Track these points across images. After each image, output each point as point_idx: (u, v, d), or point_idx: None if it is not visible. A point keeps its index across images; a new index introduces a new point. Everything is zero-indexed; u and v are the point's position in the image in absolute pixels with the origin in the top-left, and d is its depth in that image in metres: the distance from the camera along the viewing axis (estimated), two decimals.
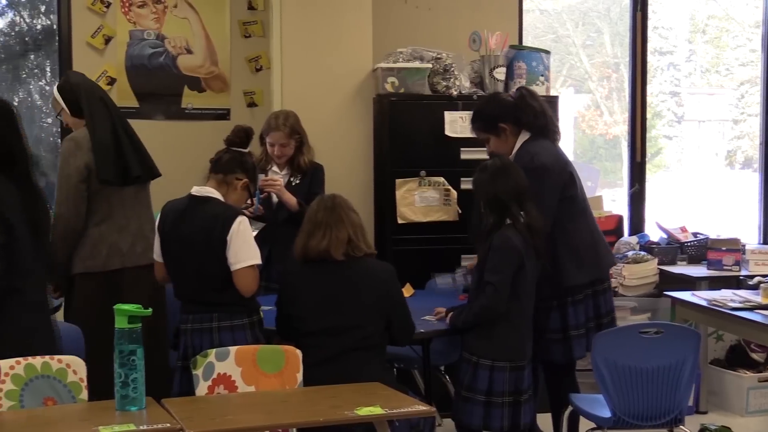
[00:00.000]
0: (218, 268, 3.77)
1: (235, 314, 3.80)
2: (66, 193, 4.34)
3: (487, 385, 3.99)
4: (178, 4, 6.00)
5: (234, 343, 3.73)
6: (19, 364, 3.28)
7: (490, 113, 4.48)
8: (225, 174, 3.90)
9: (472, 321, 4.05)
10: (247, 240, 3.80)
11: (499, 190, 4.06)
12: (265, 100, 6.00)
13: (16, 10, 6.23)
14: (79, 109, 4.49)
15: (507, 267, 3.98)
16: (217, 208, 3.82)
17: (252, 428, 3.04)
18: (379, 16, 5.65)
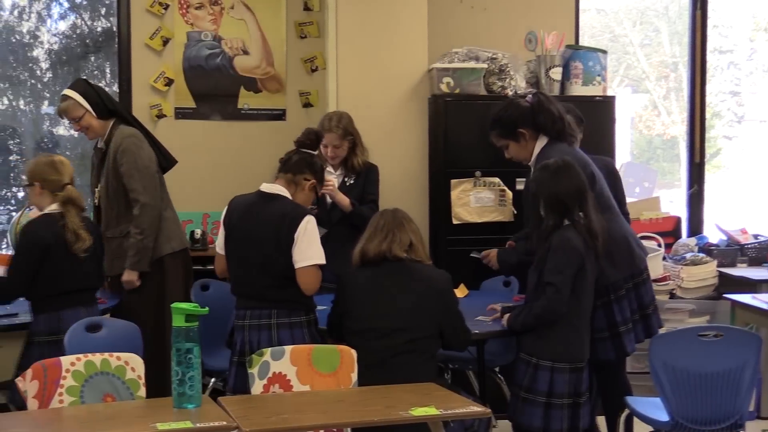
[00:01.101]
0: (282, 265, 3.85)
1: (293, 311, 3.88)
2: (147, 182, 4.64)
3: (547, 387, 3.96)
4: (235, 6, 6.05)
5: (292, 340, 3.81)
6: (79, 361, 3.35)
7: (509, 119, 4.45)
8: (294, 174, 3.98)
9: (532, 322, 4.01)
10: (313, 239, 3.86)
11: (560, 190, 4.02)
12: (321, 100, 6.03)
13: (77, 12, 6.33)
14: (104, 110, 4.67)
15: (568, 268, 3.94)
16: (285, 206, 3.89)
17: (307, 427, 3.05)
18: (434, 17, 5.64)
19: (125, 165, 4.60)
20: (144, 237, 4.59)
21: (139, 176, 4.60)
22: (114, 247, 4.69)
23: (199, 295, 4.93)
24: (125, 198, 4.64)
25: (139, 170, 4.61)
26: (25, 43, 6.24)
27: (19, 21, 6.24)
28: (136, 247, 4.59)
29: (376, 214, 4.12)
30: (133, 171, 4.60)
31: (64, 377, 3.31)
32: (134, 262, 4.60)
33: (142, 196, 4.59)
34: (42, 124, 6.35)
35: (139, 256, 4.60)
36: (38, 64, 6.30)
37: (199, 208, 5.87)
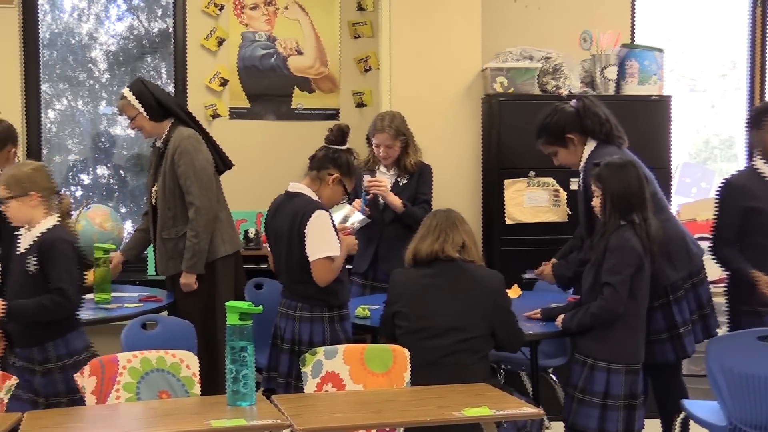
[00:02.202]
0: (299, 260, 3.96)
1: (315, 307, 4.00)
2: (204, 184, 4.66)
3: (604, 388, 3.92)
4: (289, 6, 6.08)
5: (311, 334, 3.97)
6: (135, 358, 3.39)
7: (556, 125, 4.41)
8: (318, 170, 4.07)
9: (589, 322, 3.97)
10: (322, 233, 3.93)
11: (626, 188, 3.98)
12: (374, 100, 6.04)
13: (134, 14, 6.41)
14: (158, 114, 4.72)
15: (626, 268, 3.90)
16: (300, 203, 4.00)
17: (360, 426, 3.06)
18: (488, 16, 5.62)
19: (182, 167, 4.63)
20: (199, 240, 4.63)
21: (195, 178, 4.63)
22: (170, 248, 4.73)
23: (253, 294, 4.98)
24: (182, 199, 4.67)
25: (196, 172, 4.64)
26: (84, 45, 6.34)
27: (78, 23, 6.33)
28: (192, 250, 4.63)
29: (429, 214, 4.12)
30: (190, 173, 4.63)
31: (120, 374, 3.36)
32: (190, 264, 4.64)
33: (198, 199, 4.62)
34: (99, 124, 6.44)
35: (195, 259, 4.64)
36: (96, 65, 6.39)
37: (253, 207, 5.91)
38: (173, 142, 4.68)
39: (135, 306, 4.56)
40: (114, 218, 5.67)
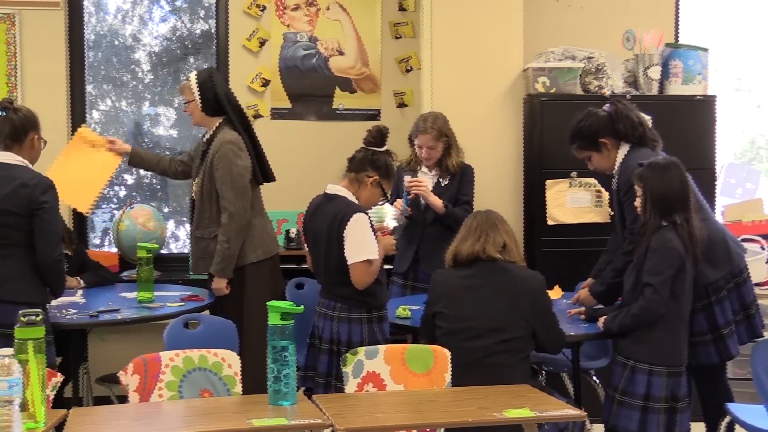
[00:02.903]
0: (338, 262, 3.99)
1: (353, 308, 4.03)
2: (239, 190, 4.65)
3: (644, 390, 3.89)
4: (331, 7, 6.10)
5: (349, 335, 4.00)
6: (178, 357, 3.42)
7: (589, 130, 4.39)
8: (356, 172, 4.10)
9: (630, 323, 3.94)
10: (361, 236, 3.94)
11: (668, 189, 3.95)
12: (415, 100, 6.03)
13: (177, 15, 6.46)
14: (212, 108, 4.74)
15: (667, 269, 3.86)
16: (339, 205, 4.01)
17: (401, 426, 3.06)
18: (530, 16, 5.59)
19: (220, 171, 4.64)
20: (230, 246, 4.62)
21: (231, 185, 4.63)
22: (201, 248, 4.76)
23: (294, 294, 5.00)
24: (217, 202, 4.68)
25: (233, 178, 4.63)
26: (128, 46, 6.40)
27: (123, 24, 6.40)
28: (222, 255, 4.63)
29: (470, 215, 4.12)
30: (227, 178, 4.63)
31: (163, 372, 3.39)
32: (220, 269, 4.65)
33: (232, 205, 4.62)
34: (143, 124, 6.50)
35: (224, 264, 4.64)
36: (140, 66, 6.44)
37: (294, 207, 5.93)
38: (216, 143, 4.70)
39: (177, 305, 4.60)
40: (157, 218, 5.74)
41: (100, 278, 5.14)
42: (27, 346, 2.81)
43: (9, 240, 3.93)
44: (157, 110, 6.51)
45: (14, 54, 5.81)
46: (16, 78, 5.80)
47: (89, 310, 4.38)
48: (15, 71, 5.81)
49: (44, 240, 3.95)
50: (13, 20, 5.80)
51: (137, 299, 4.66)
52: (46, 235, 3.96)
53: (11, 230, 3.92)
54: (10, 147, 4.00)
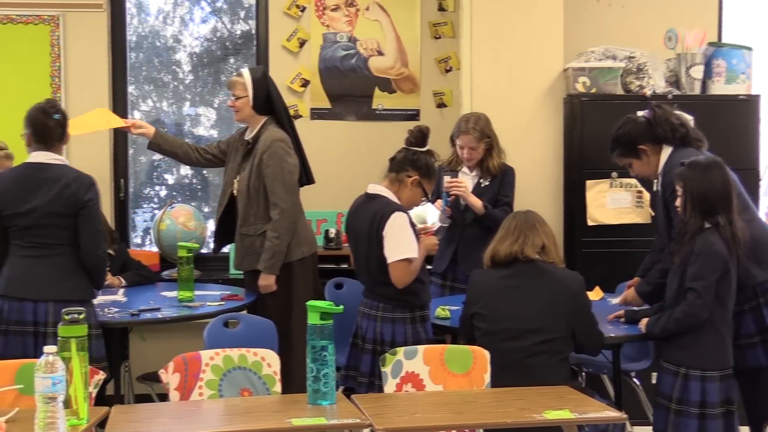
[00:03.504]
0: (379, 262, 4.00)
1: (397, 308, 4.04)
2: (289, 187, 4.72)
3: (700, 397, 3.80)
4: (370, 7, 6.10)
5: (393, 334, 4.01)
6: (218, 356, 3.44)
7: (627, 137, 4.36)
8: (397, 172, 4.11)
9: (673, 328, 3.88)
10: (400, 235, 3.95)
11: (708, 189, 3.89)
12: (455, 100, 6.02)
13: (218, 16, 6.50)
14: (262, 107, 4.78)
15: (711, 273, 3.80)
16: (379, 205, 4.03)
17: (440, 427, 3.05)
18: (570, 15, 5.56)
19: (271, 168, 4.68)
20: (281, 242, 4.67)
21: (282, 181, 4.68)
22: (246, 244, 4.79)
23: (333, 294, 5.01)
24: (265, 198, 4.72)
25: (284, 175, 4.68)
26: (169, 47, 6.45)
27: (164, 25, 6.45)
28: (272, 251, 4.67)
29: (509, 215, 4.10)
30: (278, 174, 4.67)
31: (203, 371, 3.41)
32: (269, 265, 4.68)
33: (283, 202, 4.67)
34: (184, 124, 6.54)
35: (274, 260, 4.68)
36: (180, 67, 6.49)
37: (333, 207, 5.94)
38: (264, 141, 4.73)
39: (217, 304, 4.63)
40: (197, 217, 5.78)
41: (141, 277, 5.19)
42: (70, 344, 2.84)
43: (57, 240, 3.99)
44: (198, 110, 6.56)
45: (58, 55, 5.88)
46: (60, 79, 5.87)
47: (130, 309, 4.42)
48: (59, 72, 5.88)
49: (89, 238, 4.02)
50: (58, 22, 5.87)
51: (178, 298, 4.70)
52: (91, 233, 4.02)
53: (59, 230, 3.98)
54: (52, 146, 4.05)
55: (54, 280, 3.97)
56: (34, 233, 3.98)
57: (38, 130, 4.03)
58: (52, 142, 4.04)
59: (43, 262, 3.98)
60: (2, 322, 3.97)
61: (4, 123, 5.82)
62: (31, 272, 3.98)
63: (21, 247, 4.01)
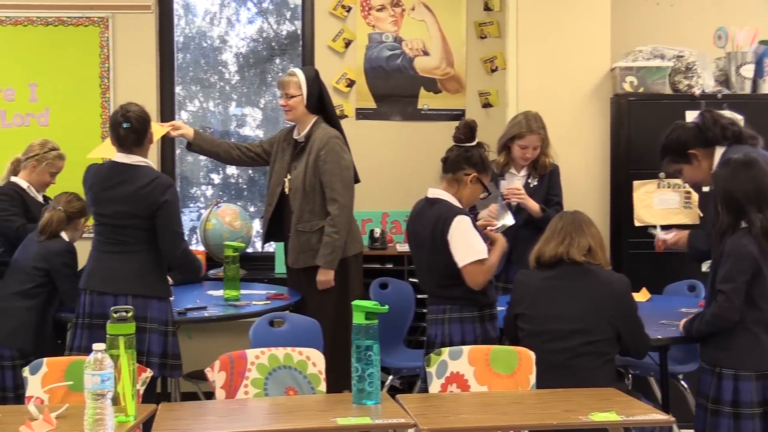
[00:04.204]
0: (443, 266, 3.94)
1: (465, 307, 3.97)
2: (347, 184, 4.80)
3: (732, 396, 3.77)
4: (416, 7, 6.10)
5: (462, 334, 3.93)
6: (263, 354, 3.46)
7: (677, 142, 4.28)
8: (454, 172, 4.03)
9: (704, 329, 3.84)
10: (466, 238, 3.90)
11: (736, 188, 3.80)
12: (500, 100, 6.00)
13: (264, 17, 6.54)
14: (314, 106, 4.85)
15: (740, 275, 3.73)
16: (441, 209, 3.96)
17: (485, 428, 3.02)
18: (618, 14, 5.52)
19: (330, 164, 4.73)
20: (340, 237, 4.72)
21: (341, 177, 4.74)
22: (303, 241, 4.82)
23: (378, 294, 5.02)
24: (321, 195, 4.77)
25: (342, 170, 4.75)
26: (215, 48, 6.50)
27: (210, 26, 6.50)
28: (332, 246, 4.72)
29: (555, 216, 4.07)
30: (336, 170, 4.73)
31: (249, 369, 3.43)
32: (328, 260, 4.72)
33: (342, 197, 4.72)
34: (230, 124, 6.59)
35: (333, 255, 4.73)
36: (227, 67, 6.54)
37: (378, 207, 5.95)
38: (319, 139, 4.77)
39: (263, 303, 4.65)
40: (243, 217, 5.81)
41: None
42: (118, 342, 2.88)
43: (135, 238, 4.07)
44: (244, 111, 6.60)
45: (107, 57, 5.95)
46: (109, 80, 5.95)
47: (177, 307, 4.46)
48: (108, 73, 5.95)
49: (166, 239, 4.11)
50: (107, 24, 5.94)
51: (224, 297, 4.74)
52: (168, 235, 4.10)
53: (136, 230, 4.07)
54: (131, 151, 4.11)
55: (133, 276, 4.06)
56: (114, 231, 4.09)
57: (114, 137, 4.13)
58: (129, 147, 4.10)
59: (123, 257, 4.08)
60: (85, 315, 4.08)
61: (56, 123, 5.93)
62: (110, 267, 4.08)
63: (102, 243, 4.13)
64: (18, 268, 4.48)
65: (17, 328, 4.35)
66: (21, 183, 4.92)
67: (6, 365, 4.33)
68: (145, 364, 3.68)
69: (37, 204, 4.92)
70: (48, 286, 4.43)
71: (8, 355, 4.33)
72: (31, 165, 4.88)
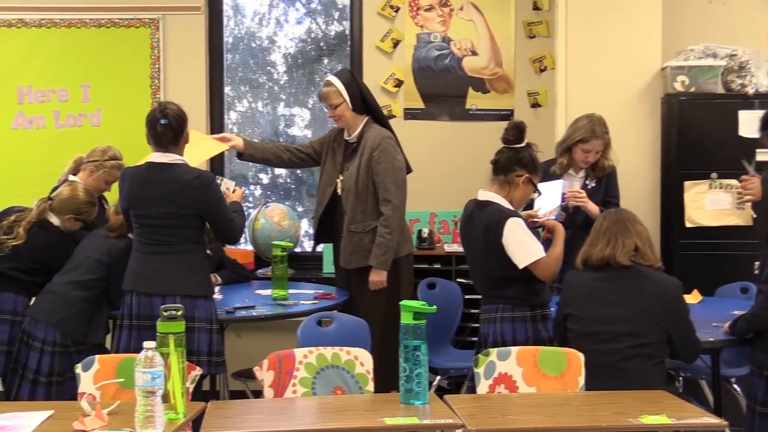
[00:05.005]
0: (497, 268, 3.94)
1: (517, 307, 3.96)
2: (400, 184, 4.80)
3: None
4: (464, 7, 6.09)
5: (514, 334, 3.92)
6: (311, 354, 3.47)
7: None
8: (505, 174, 4.02)
9: (745, 327, 3.82)
10: (522, 240, 3.90)
11: None
12: (549, 100, 5.96)
13: (312, 17, 6.57)
14: (360, 106, 4.85)
15: None
16: (492, 213, 3.95)
17: (533, 429, 3.00)
18: (669, 13, 5.46)
19: (383, 164, 4.74)
20: (393, 237, 4.73)
21: (394, 177, 4.75)
22: (355, 242, 4.83)
23: (426, 294, 5.01)
24: (374, 196, 4.78)
25: (395, 171, 4.76)
26: (264, 48, 6.54)
27: (259, 27, 6.54)
28: (386, 246, 4.73)
29: (600, 216, 4.03)
30: (389, 171, 4.75)
31: (297, 369, 3.44)
32: (381, 261, 4.74)
33: (395, 198, 4.73)
34: (278, 124, 6.62)
35: (386, 255, 4.74)
36: (275, 68, 6.58)
37: (426, 207, 5.95)
38: (372, 139, 4.78)
39: (311, 303, 4.67)
40: (291, 217, 5.84)
41: (236, 275, 5.27)
42: (168, 340, 2.90)
43: (180, 238, 4.10)
44: (292, 111, 6.63)
45: (158, 57, 6.02)
46: (159, 81, 6.01)
47: (226, 306, 4.49)
48: (158, 74, 6.02)
49: (222, 231, 4.22)
50: (158, 25, 6.01)
51: (272, 297, 4.76)
52: (220, 229, 4.20)
53: (182, 229, 4.09)
54: (167, 149, 4.14)
55: (180, 277, 4.08)
56: (158, 232, 4.10)
57: (151, 134, 4.15)
58: (166, 145, 4.13)
59: (169, 258, 4.09)
60: (131, 317, 4.10)
61: (108, 124, 6.00)
62: (157, 268, 4.10)
63: (145, 244, 4.14)
64: (79, 260, 4.49)
65: (71, 316, 4.33)
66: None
67: (47, 349, 4.29)
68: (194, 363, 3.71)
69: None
70: (106, 282, 4.45)
71: (51, 340, 4.29)
72: (89, 169, 4.94)
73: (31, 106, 6.02)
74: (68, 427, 2.77)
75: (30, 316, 4.35)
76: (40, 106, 6.03)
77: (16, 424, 2.83)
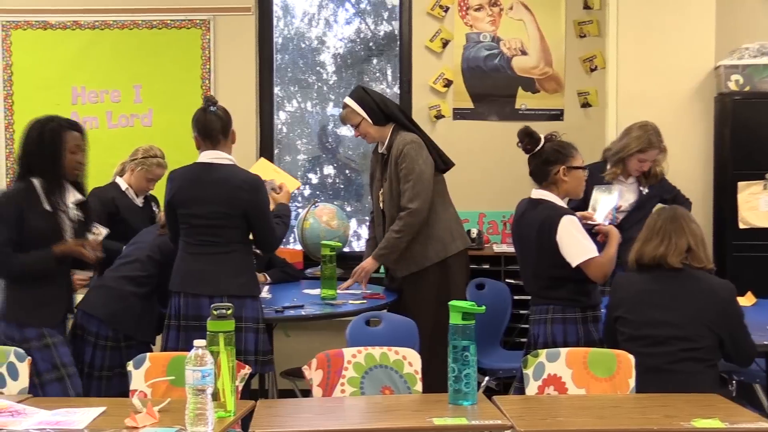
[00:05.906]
0: (550, 267, 3.91)
1: (567, 308, 3.93)
2: (420, 188, 4.74)
3: None
4: (514, 6, 6.06)
5: (564, 335, 3.90)
6: (360, 353, 3.48)
7: None
8: (545, 178, 4.02)
9: None
10: (575, 238, 3.87)
11: None
12: (600, 100, 5.91)
13: (362, 17, 6.58)
14: (380, 117, 4.83)
15: None
16: (544, 211, 3.94)
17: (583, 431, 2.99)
18: (723, 11, 5.37)
19: (404, 169, 4.74)
20: (400, 237, 4.73)
21: (414, 182, 4.72)
22: None
23: (475, 294, 4.99)
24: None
25: (416, 175, 4.73)
26: (313, 48, 6.56)
27: (309, 27, 6.57)
28: (389, 244, 4.75)
29: (654, 212, 3.97)
30: (411, 176, 4.73)
31: (345, 368, 3.45)
32: (380, 254, 4.78)
33: (412, 203, 4.71)
34: (327, 124, 6.64)
35: (387, 252, 4.76)
36: (325, 68, 6.60)
37: (475, 207, 5.93)
38: (396, 146, 4.78)
39: (359, 303, 4.67)
40: (340, 216, 5.85)
41: (285, 275, 5.30)
42: (218, 339, 2.92)
43: (227, 238, 4.11)
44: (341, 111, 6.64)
45: (208, 58, 6.07)
46: (210, 81, 6.07)
47: (275, 305, 4.52)
48: (209, 74, 6.07)
49: (262, 237, 4.21)
50: (208, 26, 6.06)
51: (320, 296, 4.77)
52: (263, 230, 4.18)
53: (229, 230, 4.10)
54: (218, 143, 4.15)
55: (227, 277, 4.09)
56: (205, 232, 4.11)
57: (200, 128, 4.14)
58: (216, 137, 4.12)
59: (216, 259, 4.09)
60: (179, 318, 4.12)
61: (159, 124, 6.07)
62: (206, 269, 4.09)
63: (192, 245, 4.14)
64: (132, 255, 4.53)
65: (123, 311, 4.35)
66: (121, 184, 5.04)
67: (100, 344, 4.31)
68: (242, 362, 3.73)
69: (133, 207, 5.02)
70: (156, 278, 4.46)
71: (104, 334, 4.31)
72: (131, 168, 5.00)
73: (85, 107, 6.10)
74: (120, 423, 2.81)
75: (82, 309, 4.38)
76: (93, 107, 6.12)
77: (70, 420, 2.87)
